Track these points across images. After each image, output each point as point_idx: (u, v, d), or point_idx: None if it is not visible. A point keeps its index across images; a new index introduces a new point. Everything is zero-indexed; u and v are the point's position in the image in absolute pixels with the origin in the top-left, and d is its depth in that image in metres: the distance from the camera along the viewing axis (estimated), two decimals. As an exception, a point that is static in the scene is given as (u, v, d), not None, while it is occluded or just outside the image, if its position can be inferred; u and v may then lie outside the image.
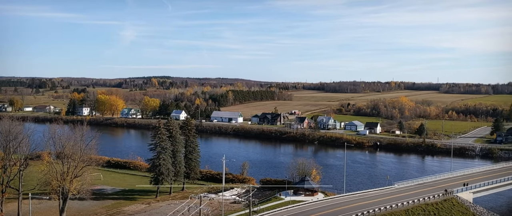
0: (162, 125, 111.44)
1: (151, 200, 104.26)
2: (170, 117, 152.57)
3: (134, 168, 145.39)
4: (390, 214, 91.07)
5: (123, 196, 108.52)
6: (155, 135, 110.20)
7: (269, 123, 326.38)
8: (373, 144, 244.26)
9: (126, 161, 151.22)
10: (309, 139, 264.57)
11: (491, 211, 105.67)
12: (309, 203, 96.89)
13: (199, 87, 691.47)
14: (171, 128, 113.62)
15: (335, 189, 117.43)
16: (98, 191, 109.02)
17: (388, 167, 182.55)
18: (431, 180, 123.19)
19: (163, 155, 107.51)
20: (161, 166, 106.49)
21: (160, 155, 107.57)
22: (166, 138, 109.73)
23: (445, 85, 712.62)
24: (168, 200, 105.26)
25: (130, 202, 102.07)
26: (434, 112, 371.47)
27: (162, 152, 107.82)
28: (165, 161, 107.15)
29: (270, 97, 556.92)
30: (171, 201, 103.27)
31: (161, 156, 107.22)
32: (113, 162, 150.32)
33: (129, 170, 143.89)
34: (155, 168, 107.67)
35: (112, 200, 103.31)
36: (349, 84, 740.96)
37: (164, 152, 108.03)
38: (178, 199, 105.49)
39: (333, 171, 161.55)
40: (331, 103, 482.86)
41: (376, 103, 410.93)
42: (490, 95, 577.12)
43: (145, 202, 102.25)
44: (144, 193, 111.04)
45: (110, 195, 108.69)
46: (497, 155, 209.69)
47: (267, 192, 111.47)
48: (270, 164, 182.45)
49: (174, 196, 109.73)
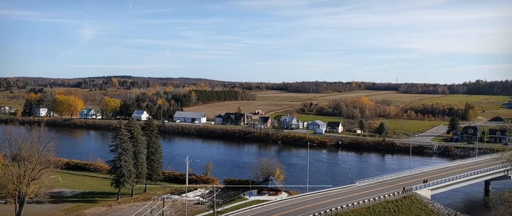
0: (123, 126, 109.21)
1: (112, 203, 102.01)
2: (132, 118, 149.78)
3: (95, 170, 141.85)
4: (352, 212, 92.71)
5: (83, 198, 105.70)
6: (116, 136, 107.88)
7: (233, 123, 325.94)
8: (335, 143, 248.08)
9: (86, 163, 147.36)
10: (273, 139, 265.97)
11: (448, 207, 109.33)
12: (273, 202, 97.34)
13: (161, 87, 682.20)
14: (133, 129, 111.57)
15: (298, 188, 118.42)
16: (56, 194, 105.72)
17: (349, 166, 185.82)
18: (391, 178, 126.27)
19: (124, 156, 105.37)
20: (122, 168, 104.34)
21: (121, 156, 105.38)
22: (127, 139, 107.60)
23: (403, 85, 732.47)
24: (130, 202, 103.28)
25: (90, 205, 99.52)
26: (393, 112, 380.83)
27: (123, 154, 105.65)
28: (126, 162, 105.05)
29: (233, 97, 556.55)
30: (133, 203, 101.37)
31: (122, 158, 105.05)
32: (73, 164, 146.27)
33: (89, 172, 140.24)
34: (116, 170, 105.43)
35: (72, 203, 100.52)
36: (311, 84, 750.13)
37: (125, 153, 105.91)
38: (140, 201, 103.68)
39: (296, 170, 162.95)
40: (294, 103, 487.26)
41: (338, 103, 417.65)
42: (447, 95, 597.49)
43: (106, 205, 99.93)
44: (105, 196, 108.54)
45: (69, 198, 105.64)
46: (454, 153, 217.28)
47: (231, 193, 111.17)
48: (234, 164, 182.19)
49: (136, 198, 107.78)
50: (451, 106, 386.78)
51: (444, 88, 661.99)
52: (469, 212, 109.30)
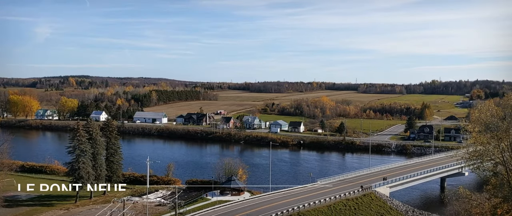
0: (81, 127, 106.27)
1: (70, 206, 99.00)
2: (90, 118, 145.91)
3: (51, 172, 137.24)
4: (314, 210, 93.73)
5: (39, 202, 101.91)
6: (74, 137, 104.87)
7: (195, 124, 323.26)
8: (297, 142, 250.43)
9: (42, 165, 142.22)
10: (235, 139, 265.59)
11: (406, 204, 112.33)
12: (235, 202, 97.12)
13: (120, 87, 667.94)
14: (91, 130, 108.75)
15: (261, 188, 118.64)
16: (11, 198, 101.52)
17: (311, 165, 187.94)
18: (351, 176, 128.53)
19: (82, 158, 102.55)
20: (80, 170, 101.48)
21: (79, 158, 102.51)
22: (85, 140, 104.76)
23: (363, 85, 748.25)
24: (89, 205, 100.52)
25: (47, 208, 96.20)
26: (353, 111, 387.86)
27: (81, 155, 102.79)
28: (85, 164, 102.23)
29: (195, 97, 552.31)
30: (92, 206, 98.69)
31: (80, 159, 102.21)
32: (28, 166, 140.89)
33: (45, 174, 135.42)
34: (74, 172, 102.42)
35: (27, 207, 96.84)
36: (273, 84, 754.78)
37: (84, 155, 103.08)
38: (99, 203, 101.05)
39: (259, 170, 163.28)
40: (256, 103, 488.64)
41: (299, 102, 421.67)
42: (404, 95, 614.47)
43: (63, 208, 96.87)
44: (62, 199, 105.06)
45: (24, 202, 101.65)
46: (411, 151, 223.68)
47: (193, 193, 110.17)
48: (197, 164, 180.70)
49: (95, 200, 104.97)
50: (408, 106, 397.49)
51: (402, 88, 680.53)
52: (426, 209, 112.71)
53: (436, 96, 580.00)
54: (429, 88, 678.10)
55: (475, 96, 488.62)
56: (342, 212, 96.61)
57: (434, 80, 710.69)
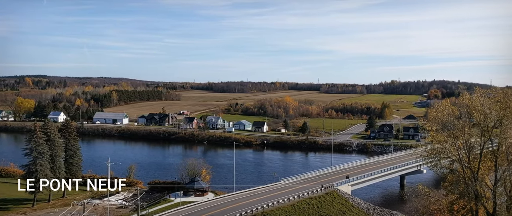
0: (38, 128, 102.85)
1: (27, 209, 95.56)
2: (48, 119, 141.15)
3: (6, 175, 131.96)
4: (278, 210, 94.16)
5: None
6: (31, 139, 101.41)
7: (157, 124, 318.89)
8: (260, 142, 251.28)
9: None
10: (199, 139, 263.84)
11: (367, 202, 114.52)
12: (199, 203, 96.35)
13: (79, 87, 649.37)
14: (49, 131, 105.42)
15: (225, 188, 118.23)
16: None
17: (275, 164, 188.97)
18: (314, 175, 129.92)
19: (40, 160, 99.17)
20: (38, 172, 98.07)
21: (36, 160, 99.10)
22: (43, 142, 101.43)
23: (325, 85, 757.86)
24: (47, 208, 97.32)
25: (2, 213, 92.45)
26: (315, 111, 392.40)
27: (38, 157, 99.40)
28: (42, 166, 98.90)
29: (157, 97, 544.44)
30: (50, 210, 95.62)
31: (37, 162, 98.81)
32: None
33: (1, 178, 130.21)
34: (31, 175, 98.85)
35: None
36: (236, 84, 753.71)
37: (41, 157, 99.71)
38: (58, 207, 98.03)
39: (223, 170, 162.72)
40: (219, 103, 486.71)
41: (262, 102, 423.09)
42: (364, 95, 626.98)
43: (20, 212, 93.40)
44: (18, 203, 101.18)
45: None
46: (371, 150, 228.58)
47: (156, 195, 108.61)
48: (159, 165, 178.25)
49: (53, 203, 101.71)
50: (368, 105, 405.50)
51: (362, 88, 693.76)
52: (387, 206, 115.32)
53: (396, 96, 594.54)
54: (388, 88, 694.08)
55: (433, 96, 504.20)
56: (305, 211, 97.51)
57: (393, 80, 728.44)
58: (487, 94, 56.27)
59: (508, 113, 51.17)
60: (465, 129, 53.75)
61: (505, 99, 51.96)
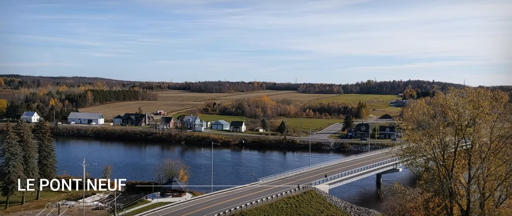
0: (11, 129, 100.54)
1: (0, 212, 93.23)
2: (21, 120, 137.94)
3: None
4: (256, 209, 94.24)
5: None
6: (3, 139, 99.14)
7: (133, 124, 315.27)
8: (238, 142, 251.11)
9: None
10: (176, 140, 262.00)
11: (345, 200, 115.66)
12: (177, 203, 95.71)
13: (53, 86, 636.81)
14: (22, 132, 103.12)
15: (203, 189, 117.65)
16: None
17: (253, 164, 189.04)
18: (292, 174, 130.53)
19: (13, 161, 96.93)
20: (10, 174, 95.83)
21: (9, 161, 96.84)
22: (16, 143, 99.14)
23: (302, 85, 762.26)
24: (20, 211, 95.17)
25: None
26: (293, 111, 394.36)
27: (11, 159, 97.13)
28: (15, 168, 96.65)
29: (133, 97, 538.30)
30: (23, 212, 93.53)
31: (10, 163, 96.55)
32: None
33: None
34: (4, 176, 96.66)
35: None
36: (214, 84, 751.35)
37: (14, 158, 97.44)
38: (32, 209, 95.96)
39: (201, 170, 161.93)
40: (197, 103, 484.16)
41: (240, 102, 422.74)
42: (341, 95, 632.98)
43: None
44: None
45: None
46: (348, 149, 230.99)
47: (132, 196, 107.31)
48: (136, 166, 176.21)
49: (27, 206, 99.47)
50: (345, 105, 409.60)
51: (339, 88, 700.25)
52: (364, 204, 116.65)
53: (372, 96, 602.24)
54: (365, 88, 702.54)
55: (408, 96, 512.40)
56: (283, 210, 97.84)
57: (370, 80, 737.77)
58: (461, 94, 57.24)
59: (481, 112, 52.17)
60: (439, 128, 54.58)
61: (478, 99, 52.96)
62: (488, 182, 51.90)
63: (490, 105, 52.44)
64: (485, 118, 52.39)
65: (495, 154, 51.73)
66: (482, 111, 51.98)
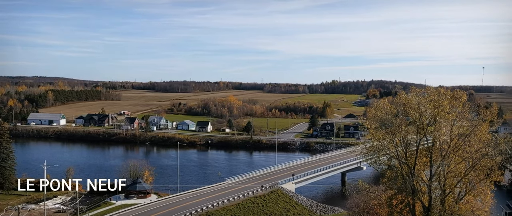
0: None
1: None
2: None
3: None
4: (223, 209, 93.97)
5: None
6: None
7: (96, 125, 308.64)
8: (205, 142, 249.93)
9: None
10: (141, 140, 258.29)
11: (311, 199, 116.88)
12: (142, 205, 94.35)
13: (12, 86, 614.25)
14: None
15: (169, 189, 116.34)
16: None
17: (220, 164, 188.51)
18: (259, 174, 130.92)
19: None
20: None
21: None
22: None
23: (268, 85, 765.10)
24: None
25: None
26: (259, 111, 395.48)
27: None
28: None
29: (96, 97, 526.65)
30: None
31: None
32: None
33: None
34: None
35: None
36: (179, 83, 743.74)
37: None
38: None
39: (167, 171, 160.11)
40: (162, 103, 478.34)
41: (206, 102, 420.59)
42: (307, 94, 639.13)
43: None
44: None
45: None
46: (314, 148, 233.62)
47: (96, 198, 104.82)
48: (100, 168, 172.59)
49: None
50: (311, 105, 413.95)
51: (304, 88, 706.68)
52: (329, 202, 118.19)
53: (336, 95, 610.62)
54: (329, 88, 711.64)
55: (371, 95, 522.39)
56: (250, 210, 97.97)
57: (334, 80, 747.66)
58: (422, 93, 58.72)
59: (441, 111, 53.75)
60: (402, 127, 55.85)
61: (439, 98, 54.54)
62: (448, 179, 53.55)
63: (449, 104, 54.10)
64: (445, 117, 54.00)
65: (454, 151, 53.40)
66: (442, 110, 53.57)
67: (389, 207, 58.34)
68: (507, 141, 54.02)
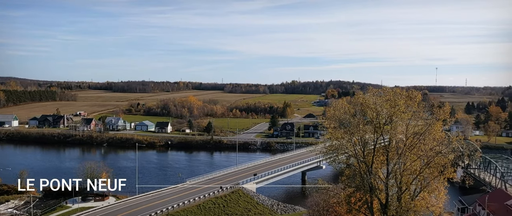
0: None
1: None
2: None
3: None
4: (183, 211, 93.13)
5: None
6: None
7: (51, 126, 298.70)
8: (164, 143, 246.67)
9: None
10: (98, 142, 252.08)
11: (272, 199, 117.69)
12: (99, 208, 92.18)
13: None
14: None
15: (128, 192, 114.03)
16: None
17: (180, 165, 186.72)
18: (220, 174, 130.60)
19: None
20: None
21: None
22: None
23: (229, 85, 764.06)
24: None
25: None
26: (220, 111, 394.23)
27: None
28: None
29: (51, 97, 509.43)
30: None
31: None
32: None
33: None
34: None
35: None
36: (138, 83, 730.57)
37: None
38: None
39: (126, 173, 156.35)
40: (120, 103, 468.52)
41: (166, 102, 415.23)
42: (267, 95, 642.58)
43: None
44: None
45: None
46: (274, 148, 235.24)
47: (51, 202, 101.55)
48: (56, 170, 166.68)
49: None
50: (271, 105, 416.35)
51: (265, 88, 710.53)
52: (290, 201, 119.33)
53: (296, 96, 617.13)
54: (289, 88, 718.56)
55: (330, 95, 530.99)
56: (211, 211, 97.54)
57: (294, 81, 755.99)
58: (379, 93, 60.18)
59: (397, 111, 55.30)
60: (360, 126, 57.08)
61: (394, 98, 56.09)
62: (404, 177, 55.19)
63: (405, 104, 55.76)
64: (401, 116, 55.61)
65: (410, 150, 55.07)
66: (398, 109, 55.13)
67: (348, 205, 59.47)
68: (459, 139, 56.17)
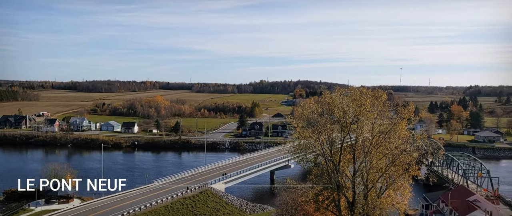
0: None
1: None
2: None
3: None
4: (150, 212, 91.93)
5: None
6: None
7: (13, 127, 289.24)
8: (131, 143, 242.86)
9: None
10: (62, 142, 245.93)
11: (241, 198, 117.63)
12: (64, 211, 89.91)
13: None
14: None
15: (93, 193, 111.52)
16: None
17: (148, 166, 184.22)
18: (188, 174, 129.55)
19: None
20: None
21: None
22: None
23: (197, 84, 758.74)
24: None
25: None
26: (188, 111, 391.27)
27: None
28: None
29: (12, 97, 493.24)
30: None
31: None
32: None
33: None
34: None
35: None
36: (103, 83, 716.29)
37: None
38: None
39: (92, 174, 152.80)
40: (84, 103, 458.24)
41: (132, 102, 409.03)
42: (235, 94, 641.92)
43: None
44: None
45: None
46: (243, 148, 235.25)
47: (13, 205, 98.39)
48: (17, 172, 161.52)
49: None
50: (239, 104, 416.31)
51: (233, 88, 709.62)
52: (258, 201, 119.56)
53: (264, 95, 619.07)
54: (258, 88, 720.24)
55: (298, 95, 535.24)
56: (179, 211, 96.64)
57: (262, 80, 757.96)
58: (345, 93, 61.15)
59: (363, 110, 56.35)
60: (327, 125, 57.84)
61: (361, 97, 57.15)
62: (370, 175, 56.29)
63: (371, 103, 56.85)
64: (367, 115, 56.68)
65: (376, 148, 56.20)
66: (364, 108, 56.18)
67: (316, 203, 60.14)
68: (423, 138, 57.66)
